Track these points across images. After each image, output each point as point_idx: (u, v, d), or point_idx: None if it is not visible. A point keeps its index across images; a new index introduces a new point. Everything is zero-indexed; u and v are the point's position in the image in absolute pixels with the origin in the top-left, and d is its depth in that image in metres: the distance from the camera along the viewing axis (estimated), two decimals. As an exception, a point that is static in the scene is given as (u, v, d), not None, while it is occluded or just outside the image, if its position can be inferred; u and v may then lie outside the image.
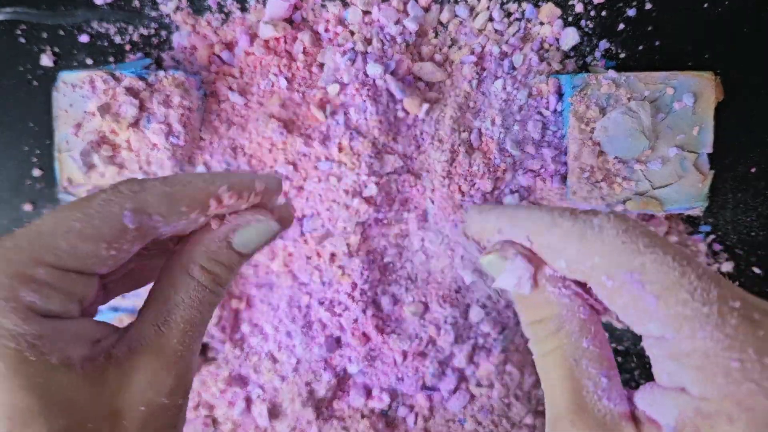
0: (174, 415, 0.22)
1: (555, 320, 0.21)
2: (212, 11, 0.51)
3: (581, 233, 0.19)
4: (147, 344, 0.22)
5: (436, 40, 0.51)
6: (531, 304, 0.21)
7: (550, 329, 0.21)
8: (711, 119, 0.49)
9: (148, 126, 0.47)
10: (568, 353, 0.20)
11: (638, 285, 0.18)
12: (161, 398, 0.22)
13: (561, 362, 0.20)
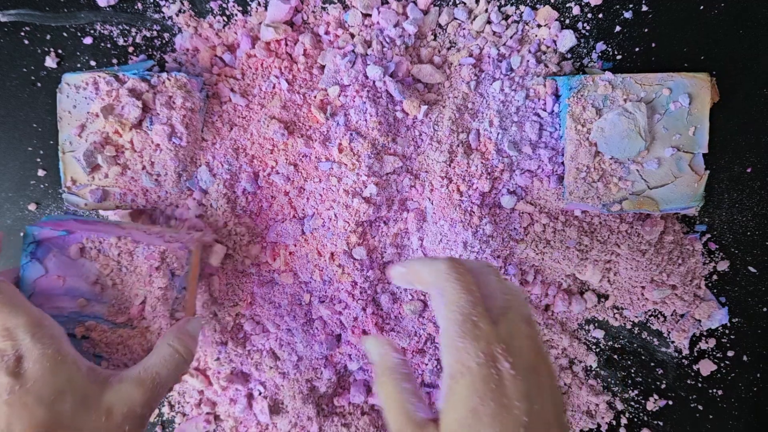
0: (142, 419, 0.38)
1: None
2: (214, 14, 0.52)
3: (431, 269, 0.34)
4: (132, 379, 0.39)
5: (435, 43, 0.52)
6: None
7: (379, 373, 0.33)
8: (706, 120, 0.49)
9: (151, 127, 0.48)
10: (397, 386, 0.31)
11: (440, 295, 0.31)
12: (136, 408, 0.38)
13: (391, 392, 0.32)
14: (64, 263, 0.43)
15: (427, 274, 0.32)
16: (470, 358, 0.28)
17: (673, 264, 0.52)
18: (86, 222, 0.46)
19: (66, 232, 0.43)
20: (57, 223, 0.45)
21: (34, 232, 0.43)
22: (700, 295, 0.53)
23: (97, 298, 0.43)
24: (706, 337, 0.54)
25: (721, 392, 0.54)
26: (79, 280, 0.43)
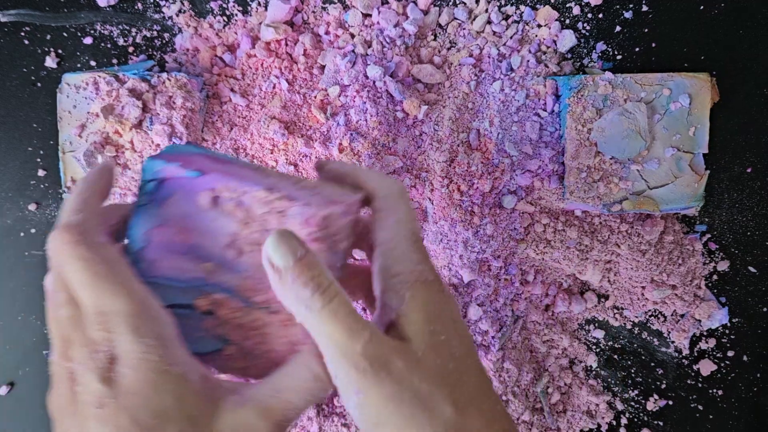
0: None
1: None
2: (214, 14, 0.52)
3: (380, 179, 0.33)
4: (258, 405, 0.27)
5: (435, 43, 0.52)
6: None
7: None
8: (707, 120, 0.49)
9: (151, 127, 0.48)
10: (347, 301, 0.28)
11: (390, 214, 0.31)
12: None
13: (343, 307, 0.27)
14: (190, 213, 0.31)
15: (377, 185, 0.32)
16: (427, 272, 0.30)
17: (673, 264, 0.52)
18: (224, 162, 0.34)
19: (199, 173, 0.31)
20: (187, 158, 0.33)
21: (157, 167, 0.31)
22: (700, 295, 0.53)
23: (229, 265, 0.31)
24: (706, 337, 0.54)
25: (721, 392, 0.54)
26: (207, 239, 0.31)
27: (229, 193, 0.31)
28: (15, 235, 0.53)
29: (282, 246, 0.27)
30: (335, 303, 0.27)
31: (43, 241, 0.52)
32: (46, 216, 0.52)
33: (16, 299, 0.53)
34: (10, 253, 0.52)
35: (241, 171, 0.33)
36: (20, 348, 0.53)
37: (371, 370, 0.26)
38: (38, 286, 0.53)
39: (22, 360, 0.53)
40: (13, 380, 0.53)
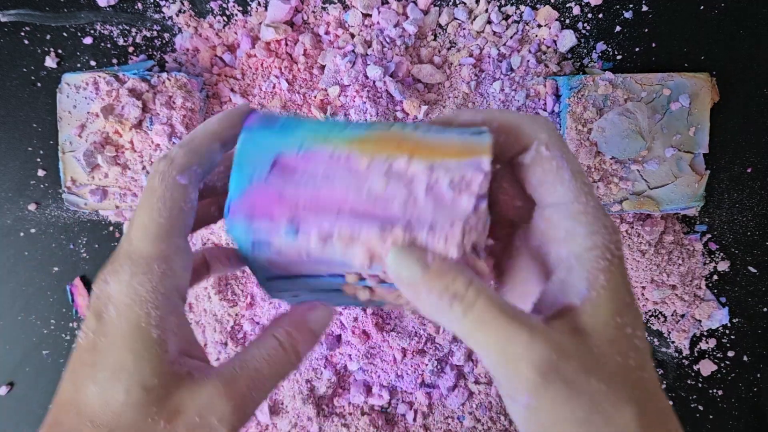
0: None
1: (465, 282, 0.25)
2: (214, 14, 0.52)
3: (533, 119, 0.27)
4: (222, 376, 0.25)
5: (435, 43, 0.52)
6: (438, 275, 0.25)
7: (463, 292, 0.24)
8: (707, 120, 0.49)
9: (151, 127, 0.48)
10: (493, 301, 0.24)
11: (564, 162, 0.26)
12: (213, 419, 0.25)
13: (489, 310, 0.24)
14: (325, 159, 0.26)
15: (529, 128, 0.27)
16: (612, 242, 0.24)
17: (673, 264, 0.52)
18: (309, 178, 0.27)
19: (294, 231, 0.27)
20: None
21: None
22: (700, 295, 0.53)
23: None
24: (706, 337, 0.54)
25: (721, 392, 0.54)
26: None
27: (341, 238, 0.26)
28: (15, 234, 0.53)
29: (404, 260, 0.25)
30: (479, 307, 0.23)
31: (43, 241, 0.53)
32: (45, 216, 0.52)
33: (15, 299, 0.53)
34: (10, 253, 0.52)
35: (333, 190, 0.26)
36: (20, 348, 0.53)
37: (538, 374, 0.23)
38: (38, 286, 0.53)
39: (21, 360, 0.53)
40: (12, 380, 0.53)
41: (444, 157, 0.26)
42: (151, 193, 0.26)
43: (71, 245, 0.53)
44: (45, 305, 0.53)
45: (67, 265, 0.53)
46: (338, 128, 0.27)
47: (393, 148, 0.26)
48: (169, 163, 0.26)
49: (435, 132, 0.27)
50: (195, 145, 0.27)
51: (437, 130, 0.27)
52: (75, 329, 0.53)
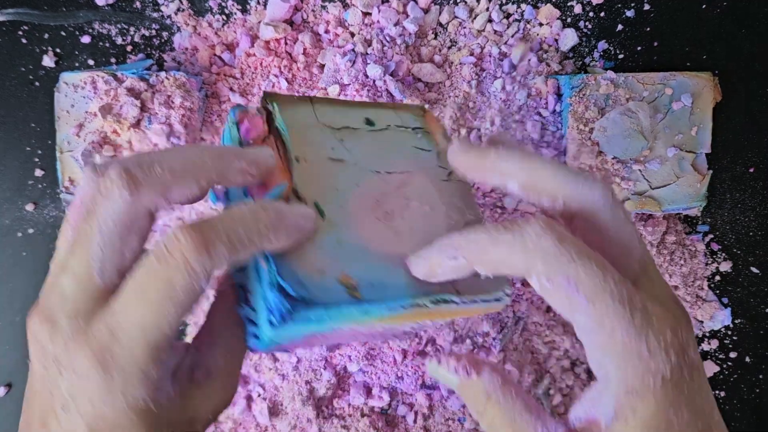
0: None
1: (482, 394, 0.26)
2: (213, 13, 0.52)
3: (523, 246, 0.23)
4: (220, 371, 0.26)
5: (436, 41, 0.52)
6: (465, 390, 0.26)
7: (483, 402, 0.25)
8: (709, 119, 0.49)
9: (150, 126, 0.47)
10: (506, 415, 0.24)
11: (573, 288, 0.22)
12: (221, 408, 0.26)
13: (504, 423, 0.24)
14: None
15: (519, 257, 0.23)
16: (660, 366, 0.22)
17: (675, 264, 0.52)
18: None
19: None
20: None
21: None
22: (702, 296, 0.53)
23: None
24: (708, 338, 0.54)
25: (723, 393, 0.54)
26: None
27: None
28: (12, 235, 0.52)
29: (440, 372, 0.27)
30: (489, 415, 0.25)
31: (42, 241, 0.52)
32: (43, 216, 0.52)
33: (14, 300, 0.52)
34: (8, 253, 0.52)
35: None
36: (18, 349, 0.53)
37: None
38: (37, 286, 0.52)
39: (20, 361, 0.53)
40: (10, 381, 0.53)
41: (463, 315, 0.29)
42: (168, 288, 0.22)
43: (69, 245, 0.52)
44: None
45: (65, 265, 0.52)
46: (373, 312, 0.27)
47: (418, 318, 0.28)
48: (206, 262, 0.22)
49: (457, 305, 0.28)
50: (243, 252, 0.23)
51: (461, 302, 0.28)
52: (73, 330, 0.53)
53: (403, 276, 0.28)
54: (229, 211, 0.23)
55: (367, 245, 0.28)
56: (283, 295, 0.25)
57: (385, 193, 0.30)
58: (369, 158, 0.30)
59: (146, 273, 0.22)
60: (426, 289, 0.27)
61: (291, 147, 0.28)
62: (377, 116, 0.32)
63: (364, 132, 0.31)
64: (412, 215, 0.29)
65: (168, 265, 0.21)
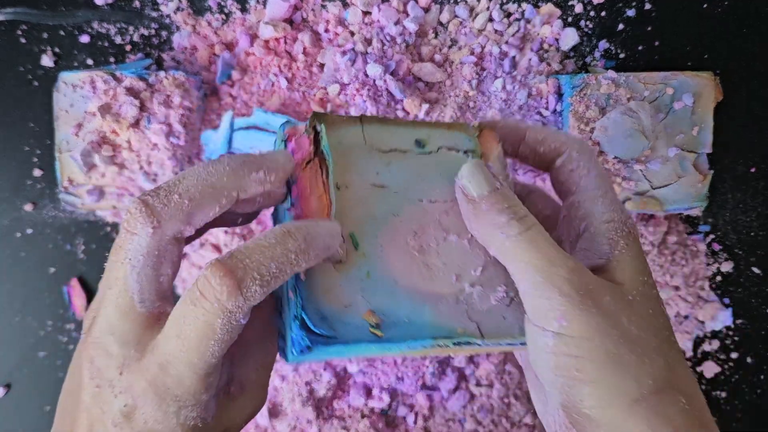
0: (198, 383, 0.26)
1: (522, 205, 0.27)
2: (212, 12, 0.51)
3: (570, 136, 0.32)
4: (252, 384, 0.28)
5: (436, 41, 0.52)
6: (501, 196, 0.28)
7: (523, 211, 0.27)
8: (710, 119, 0.49)
9: (149, 126, 0.47)
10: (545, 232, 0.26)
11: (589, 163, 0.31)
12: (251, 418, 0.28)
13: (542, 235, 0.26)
14: None
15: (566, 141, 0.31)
16: (635, 228, 0.28)
17: (676, 265, 0.51)
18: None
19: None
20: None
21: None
22: (703, 296, 0.53)
23: None
24: (709, 338, 0.54)
25: (724, 394, 0.54)
26: None
27: None
28: (11, 235, 0.52)
29: (477, 176, 0.27)
30: (534, 231, 0.26)
31: (40, 242, 0.52)
32: (42, 216, 0.52)
33: (12, 300, 0.52)
34: (7, 253, 0.52)
35: None
36: (17, 350, 0.52)
37: (578, 296, 0.24)
38: (35, 287, 0.52)
39: (19, 362, 0.52)
40: (9, 382, 0.52)
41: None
42: (207, 329, 0.23)
43: (68, 246, 0.52)
44: (41, 306, 0.52)
45: (64, 265, 0.52)
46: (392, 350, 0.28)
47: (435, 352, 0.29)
48: (241, 303, 0.23)
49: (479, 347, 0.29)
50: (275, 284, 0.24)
51: (484, 344, 0.28)
52: (72, 330, 0.53)
53: (429, 314, 0.28)
54: (258, 242, 0.24)
55: (397, 279, 0.28)
56: (305, 330, 0.25)
57: (424, 225, 0.29)
58: (413, 185, 0.30)
59: (183, 316, 0.23)
60: (450, 330, 0.28)
61: (333, 174, 0.28)
62: (429, 136, 0.30)
63: (412, 155, 0.30)
64: (448, 250, 0.29)
65: (204, 309, 0.22)
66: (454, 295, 0.29)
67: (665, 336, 0.26)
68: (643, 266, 0.27)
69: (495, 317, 0.29)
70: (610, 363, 0.24)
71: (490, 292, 0.29)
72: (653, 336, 0.25)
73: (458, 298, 0.29)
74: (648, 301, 0.26)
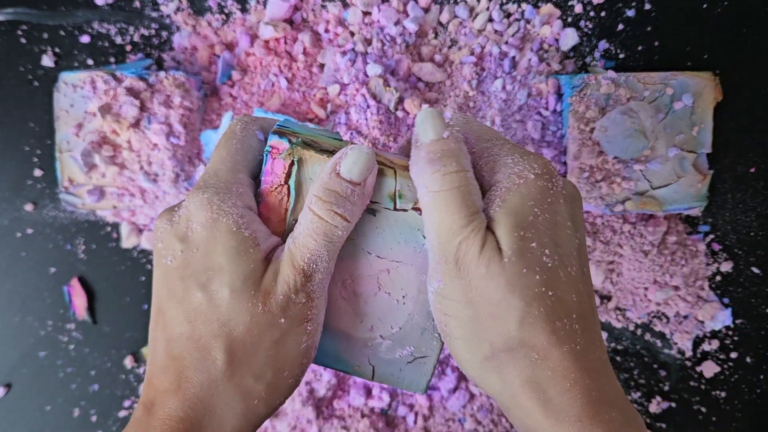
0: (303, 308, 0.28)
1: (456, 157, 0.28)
2: (213, 12, 0.51)
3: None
4: (287, 251, 0.29)
5: (436, 41, 0.52)
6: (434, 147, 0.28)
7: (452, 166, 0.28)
8: (710, 119, 0.49)
9: (149, 126, 0.47)
10: (462, 189, 0.27)
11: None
12: (291, 293, 0.28)
13: (455, 192, 0.27)
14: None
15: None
16: (528, 170, 0.27)
17: (676, 265, 0.52)
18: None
19: None
20: None
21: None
22: (703, 296, 0.53)
23: None
24: (709, 338, 0.54)
25: (724, 394, 0.54)
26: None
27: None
28: (11, 235, 0.52)
29: (426, 122, 0.28)
30: (450, 193, 0.27)
31: (40, 241, 0.52)
32: (42, 216, 0.52)
33: (13, 300, 0.52)
34: (7, 253, 0.52)
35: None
36: (17, 349, 0.52)
37: (455, 267, 0.27)
38: (35, 287, 0.52)
39: (18, 361, 0.52)
40: (10, 382, 0.52)
41: None
42: (231, 136, 0.30)
43: (68, 246, 0.52)
44: (42, 306, 0.52)
45: (65, 265, 0.52)
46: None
47: None
48: (252, 119, 0.31)
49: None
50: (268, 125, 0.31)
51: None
52: (72, 330, 0.53)
53: (335, 348, 0.32)
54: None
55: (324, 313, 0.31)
56: None
57: (363, 275, 0.31)
58: (368, 237, 0.31)
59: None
60: (348, 365, 0.32)
61: (291, 212, 0.30)
62: (409, 188, 0.30)
63: (381, 210, 0.30)
64: (375, 303, 0.31)
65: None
66: (364, 341, 0.32)
67: (535, 293, 0.26)
68: (523, 217, 0.27)
69: (392, 367, 0.32)
70: (469, 324, 0.27)
71: (399, 348, 0.32)
72: (518, 297, 0.26)
73: (367, 343, 0.32)
74: (523, 258, 0.26)
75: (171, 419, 0.27)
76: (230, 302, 0.27)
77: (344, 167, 0.28)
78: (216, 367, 0.27)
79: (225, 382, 0.27)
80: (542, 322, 0.26)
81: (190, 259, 0.28)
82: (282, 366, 0.28)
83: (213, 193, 0.28)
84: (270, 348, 0.28)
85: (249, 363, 0.28)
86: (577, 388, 0.26)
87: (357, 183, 0.29)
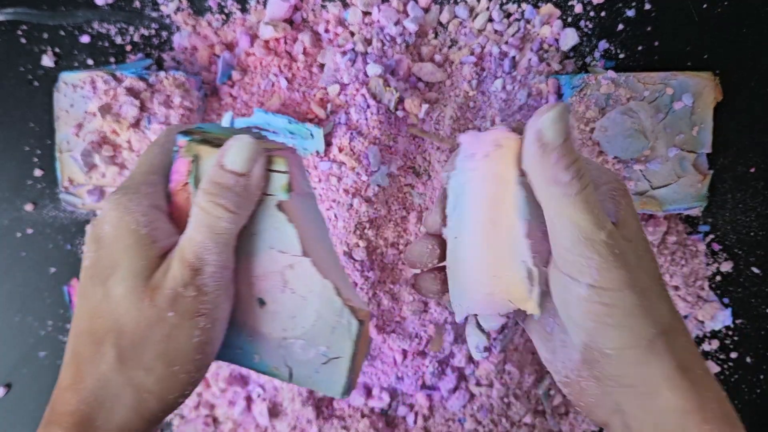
0: (191, 302, 0.29)
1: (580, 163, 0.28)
2: (213, 12, 0.51)
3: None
4: (178, 248, 0.29)
5: (436, 41, 0.52)
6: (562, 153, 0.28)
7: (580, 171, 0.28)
8: (710, 119, 0.49)
9: (149, 126, 0.47)
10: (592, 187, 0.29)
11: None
12: (179, 287, 0.28)
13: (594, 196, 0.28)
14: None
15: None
16: (624, 183, 0.31)
17: (676, 265, 0.52)
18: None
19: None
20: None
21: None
22: (703, 296, 0.53)
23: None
24: (709, 338, 0.54)
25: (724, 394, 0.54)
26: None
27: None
28: (11, 235, 0.52)
29: (559, 123, 0.28)
30: (588, 191, 0.28)
31: (40, 241, 0.52)
32: (42, 216, 0.52)
33: (12, 300, 0.52)
34: (7, 253, 0.52)
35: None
36: (17, 349, 0.52)
37: (612, 257, 0.28)
38: (35, 286, 0.52)
39: (18, 361, 0.52)
40: (10, 382, 0.52)
41: None
42: (154, 143, 0.32)
43: (68, 246, 0.52)
44: (42, 306, 0.52)
45: (65, 265, 0.52)
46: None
47: None
48: (177, 128, 0.32)
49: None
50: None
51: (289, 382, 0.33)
52: (72, 330, 0.53)
53: (253, 349, 0.32)
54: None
55: (237, 315, 0.31)
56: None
57: (269, 273, 0.31)
58: (268, 231, 0.30)
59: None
60: (267, 366, 0.32)
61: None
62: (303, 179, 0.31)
63: (272, 200, 0.30)
64: (283, 301, 0.31)
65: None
66: (278, 341, 0.31)
67: (662, 282, 0.30)
68: (638, 222, 0.30)
69: (308, 369, 0.31)
70: (634, 310, 0.28)
71: (312, 347, 0.31)
72: (656, 283, 0.29)
73: (281, 344, 0.31)
74: (647, 252, 0.30)
75: (65, 414, 0.28)
76: (123, 298, 0.28)
77: (228, 158, 0.29)
78: (106, 361, 0.28)
79: (115, 375, 0.28)
80: (675, 310, 0.30)
81: (98, 258, 0.29)
82: (172, 360, 0.29)
83: (122, 194, 0.29)
84: (160, 342, 0.28)
85: (139, 357, 0.28)
86: (700, 362, 0.29)
87: (241, 174, 0.29)
